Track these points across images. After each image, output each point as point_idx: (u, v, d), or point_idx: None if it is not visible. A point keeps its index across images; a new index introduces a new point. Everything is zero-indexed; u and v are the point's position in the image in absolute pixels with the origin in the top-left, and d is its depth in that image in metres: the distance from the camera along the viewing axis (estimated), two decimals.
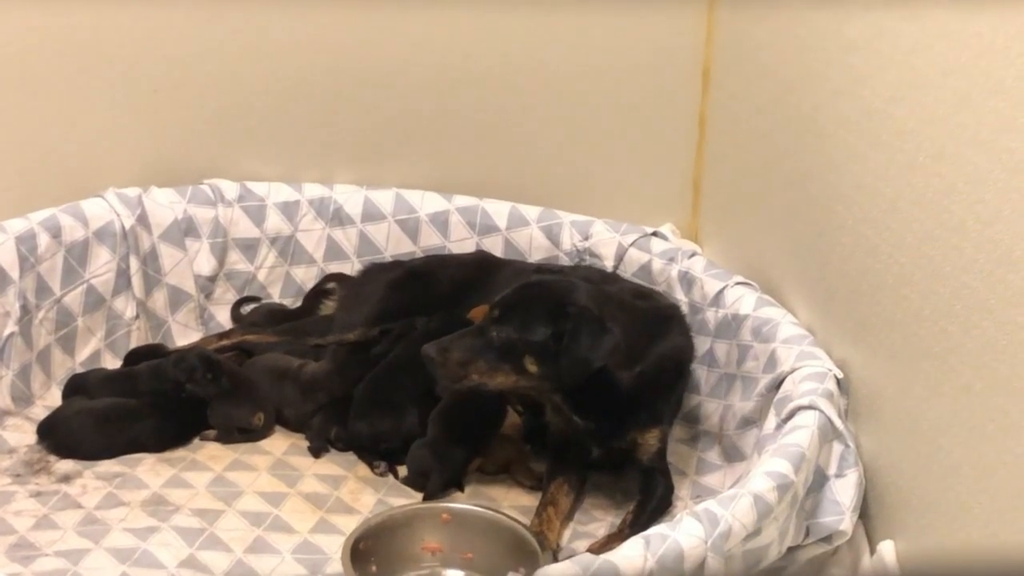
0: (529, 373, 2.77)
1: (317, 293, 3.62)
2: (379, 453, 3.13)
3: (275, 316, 3.59)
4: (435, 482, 2.98)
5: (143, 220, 3.52)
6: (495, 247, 3.64)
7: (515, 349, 2.76)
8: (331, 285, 3.61)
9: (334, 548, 2.78)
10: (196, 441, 3.21)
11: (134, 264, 3.48)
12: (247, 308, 3.66)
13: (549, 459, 3.05)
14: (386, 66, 3.67)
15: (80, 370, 3.38)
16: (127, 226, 3.46)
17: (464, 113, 3.74)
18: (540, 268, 3.34)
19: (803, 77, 3.06)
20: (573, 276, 3.13)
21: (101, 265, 3.43)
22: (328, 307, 3.56)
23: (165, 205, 3.57)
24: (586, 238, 3.59)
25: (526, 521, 2.87)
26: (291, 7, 3.59)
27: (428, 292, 3.39)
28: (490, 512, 2.85)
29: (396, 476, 3.10)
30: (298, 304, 3.66)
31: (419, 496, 3.01)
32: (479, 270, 3.45)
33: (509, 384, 2.82)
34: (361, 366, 3.26)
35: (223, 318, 3.65)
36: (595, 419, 2.90)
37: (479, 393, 2.85)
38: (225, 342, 3.49)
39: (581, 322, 2.72)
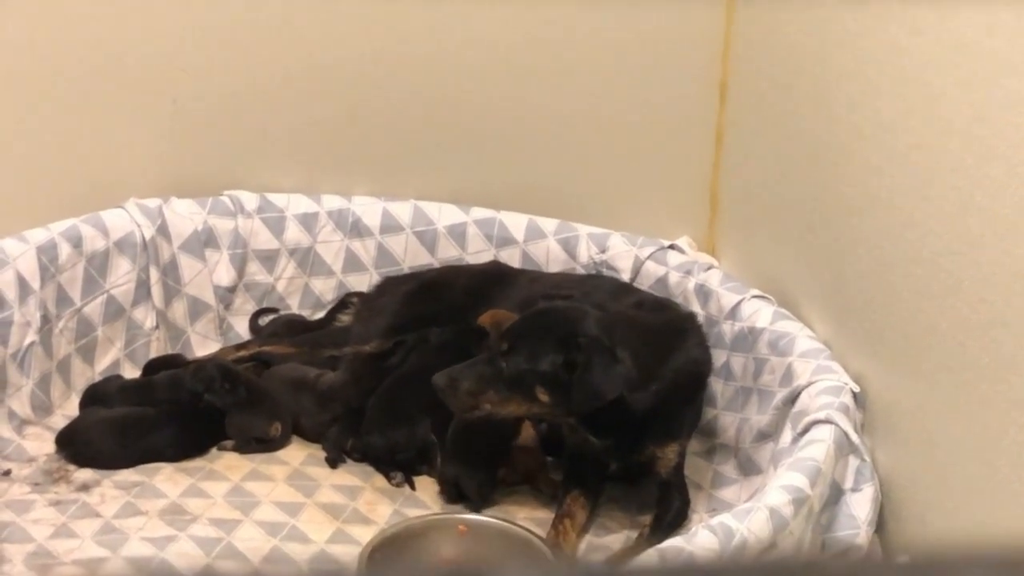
0: (541, 402, 2.78)
1: (337, 306, 3.62)
2: (395, 464, 3.13)
3: (294, 327, 3.58)
4: (470, 487, 2.98)
5: (163, 231, 3.52)
6: (512, 259, 3.63)
7: (526, 380, 2.76)
8: (353, 299, 3.61)
9: (351, 558, 2.77)
10: (214, 451, 3.21)
11: (154, 274, 3.48)
12: (265, 319, 3.65)
13: (565, 472, 3.04)
14: (404, 78, 3.67)
15: (100, 380, 3.37)
16: (147, 237, 3.47)
17: (482, 125, 3.73)
18: (553, 285, 3.31)
19: (820, 90, 3.05)
20: (590, 286, 3.14)
21: (121, 275, 3.44)
22: (345, 319, 3.56)
23: (185, 216, 3.58)
24: (603, 251, 3.58)
25: (542, 533, 2.86)
26: (310, 18, 3.60)
27: (442, 303, 3.39)
28: (506, 524, 2.85)
29: (412, 487, 3.09)
30: (317, 315, 3.66)
31: (435, 507, 3.01)
32: (492, 280, 3.45)
33: (521, 412, 2.83)
34: (377, 377, 3.25)
35: (242, 329, 3.65)
36: (612, 437, 2.89)
37: (490, 426, 2.85)
38: (243, 353, 3.48)
39: (592, 354, 2.71)
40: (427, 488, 3.11)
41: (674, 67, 3.68)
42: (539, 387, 2.76)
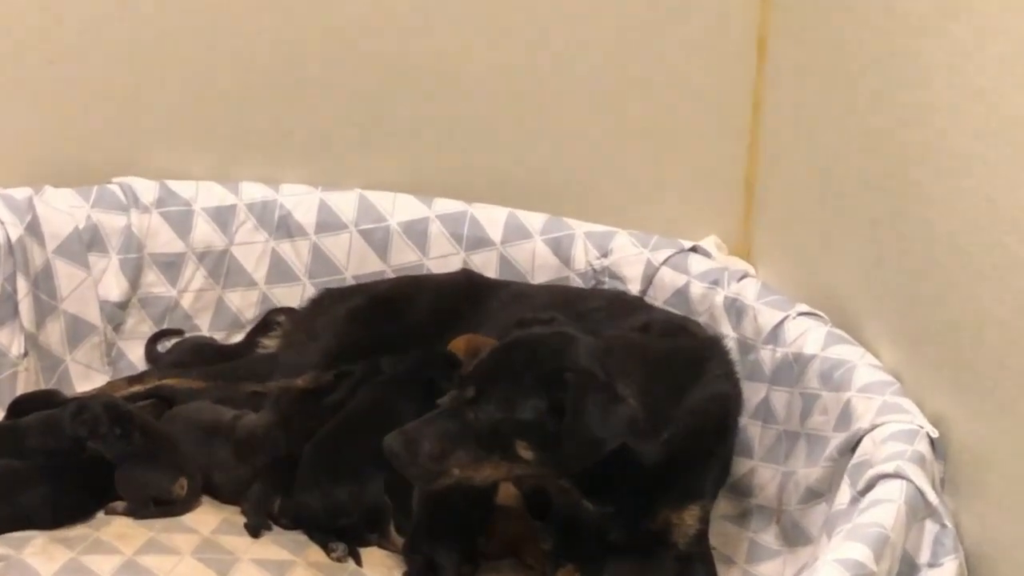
0: (524, 461, 2.76)
1: (259, 327, 3.62)
2: (336, 531, 3.10)
3: (203, 354, 3.57)
4: (449, 564, 2.97)
5: (34, 229, 3.50)
6: (488, 266, 3.63)
7: (502, 432, 2.74)
8: (280, 319, 3.61)
9: None
10: (100, 515, 3.18)
11: (22, 287, 3.45)
12: (166, 345, 3.64)
13: (554, 540, 3.02)
14: (348, 34, 3.66)
15: None
16: (13, 237, 3.44)
17: (449, 94, 3.73)
18: (541, 303, 3.30)
19: (888, 48, 3.04)
20: (586, 306, 3.12)
21: None
22: (270, 344, 3.55)
23: (63, 210, 3.55)
24: (605, 254, 3.58)
25: None
26: None
27: (398, 324, 3.38)
28: None
29: (358, 562, 3.08)
30: (234, 339, 3.66)
31: None
32: (464, 295, 3.44)
33: (500, 475, 2.82)
34: (312, 418, 3.24)
35: (136, 356, 3.64)
36: (615, 501, 2.87)
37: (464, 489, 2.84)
38: (138, 388, 3.46)
39: (584, 393, 2.70)
40: (378, 563, 3.08)
41: (699, 18, 3.69)
42: (519, 442, 2.74)
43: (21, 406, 3.37)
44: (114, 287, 3.59)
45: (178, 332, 3.66)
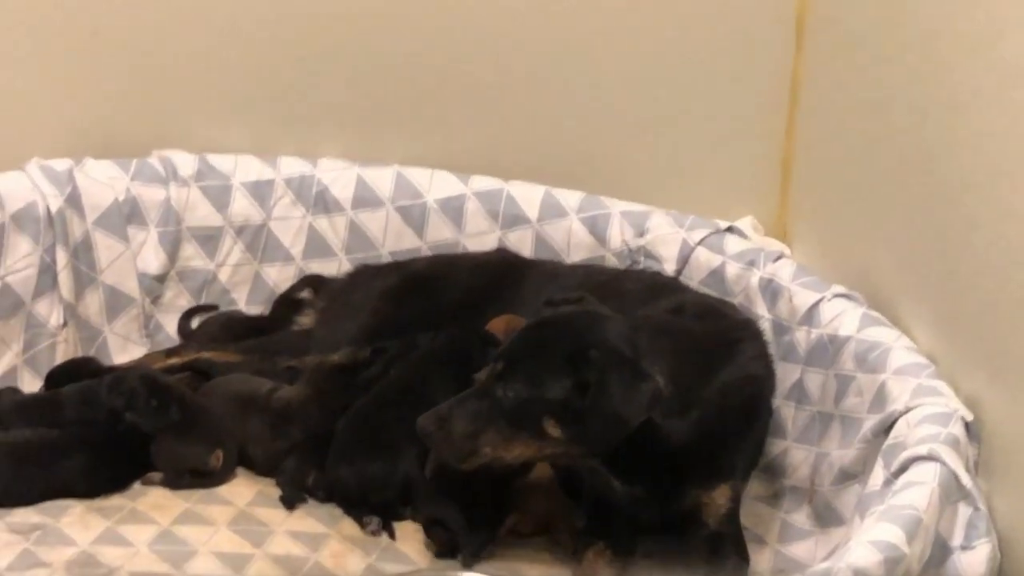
0: (552, 439, 2.77)
1: (289, 301, 3.62)
2: (369, 505, 3.11)
3: (236, 328, 3.59)
4: (460, 529, 2.98)
5: (74, 201, 3.52)
6: (523, 243, 3.63)
7: (530, 410, 2.76)
8: (304, 294, 3.62)
9: None
10: (137, 486, 3.20)
11: (62, 258, 3.47)
12: (200, 320, 3.65)
13: (585, 518, 3.03)
14: (389, 9, 3.66)
15: None
16: (54, 209, 3.46)
17: (486, 70, 3.73)
18: (576, 283, 3.30)
19: (929, 25, 3.03)
20: (618, 288, 3.12)
21: (20, 259, 3.44)
22: (306, 320, 3.56)
23: (103, 182, 3.57)
24: (641, 234, 3.58)
25: None
26: None
27: (434, 302, 3.39)
28: None
29: (392, 535, 3.08)
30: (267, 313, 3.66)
31: (421, 561, 3.00)
32: (500, 274, 3.45)
33: (531, 454, 2.83)
34: (347, 393, 3.25)
35: (174, 329, 3.65)
36: (644, 480, 2.88)
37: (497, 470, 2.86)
38: (175, 360, 3.48)
39: (608, 369, 2.71)
40: (410, 537, 3.09)
41: None
42: (547, 420, 2.75)
43: (59, 376, 3.39)
44: (152, 260, 3.61)
45: (212, 308, 3.68)
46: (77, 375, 3.35)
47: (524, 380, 2.76)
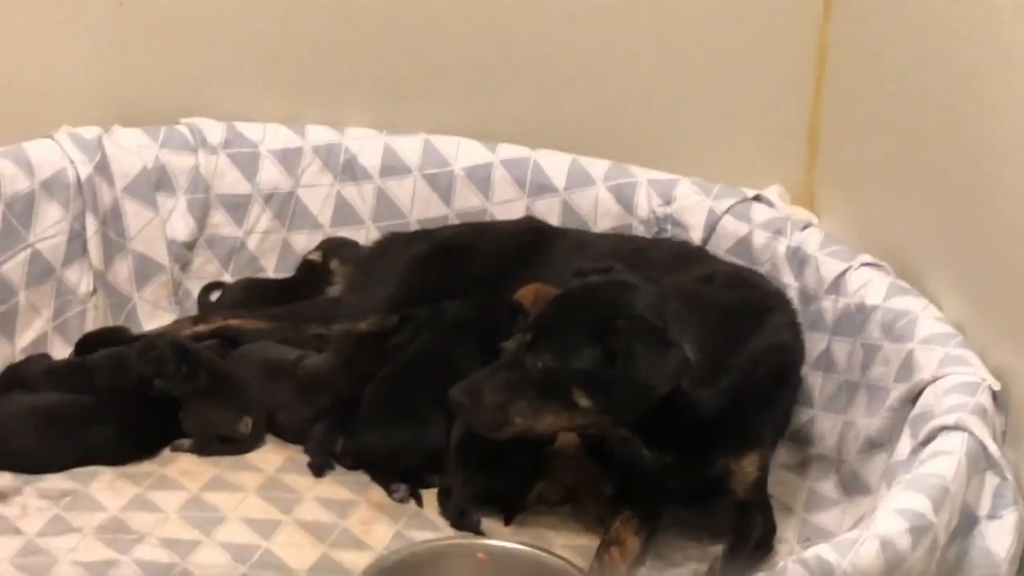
0: (582, 409, 2.78)
1: (314, 267, 3.63)
2: (397, 472, 3.13)
3: (260, 292, 3.60)
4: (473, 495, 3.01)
5: (103, 168, 3.52)
6: (551, 212, 3.63)
7: (559, 381, 2.77)
8: (315, 255, 3.63)
9: None
10: (166, 452, 3.22)
11: (91, 225, 3.49)
12: (218, 295, 3.67)
13: (614, 486, 3.04)
14: None
15: (21, 358, 3.38)
16: (83, 176, 3.47)
17: (511, 38, 3.72)
18: (605, 250, 3.31)
19: None
20: (646, 258, 3.13)
21: (50, 225, 3.44)
22: (333, 287, 3.57)
23: (132, 150, 3.58)
24: (668, 202, 3.57)
25: (585, 564, 2.87)
26: None
27: (462, 270, 3.40)
28: (538, 552, 2.83)
29: (419, 503, 3.10)
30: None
31: (448, 529, 3.02)
32: (528, 242, 3.45)
33: (561, 424, 2.85)
34: (375, 360, 3.26)
35: None
36: (673, 449, 2.89)
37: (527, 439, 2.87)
38: (203, 327, 3.50)
39: (634, 338, 2.71)
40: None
41: None
42: (576, 390, 2.76)
43: (89, 343, 3.41)
44: (181, 227, 3.62)
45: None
46: (108, 342, 3.37)
47: (553, 351, 2.77)
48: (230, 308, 3.58)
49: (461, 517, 3.01)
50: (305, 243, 3.71)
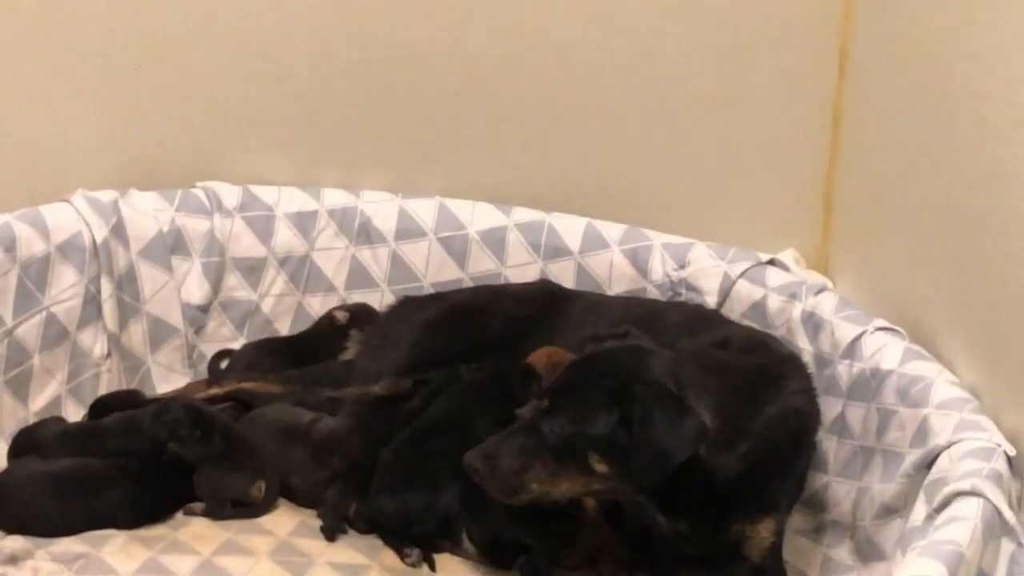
0: (599, 474, 2.78)
1: (333, 320, 3.63)
2: (410, 537, 3.12)
3: (274, 353, 3.60)
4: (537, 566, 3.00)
5: (119, 232, 3.54)
6: (565, 275, 3.64)
7: (576, 446, 2.77)
8: (340, 315, 3.62)
9: None
10: (179, 516, 3.22)
11: (106, 288, 3.50)
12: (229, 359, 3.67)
13: (629, 550, 3.03)
14: (428, 42, 3.68)
15: (35, 420, 3.39)
16: (99, 239, 3.49)
17: (526, 103, 3.74)
18: (618, 315, 3.31)
19: (971, 58, 3.02)
20: (662, 322, 3.12)
21: (65, 288, 3.46)
22: (348, 350, 3.57)
23: (148, 213, 3.60)
24: (682, 266, 3.58)
25: None
26: None
27: (477, 334, 3.40)
28: None
29: (432, 567, 3.09)
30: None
31: None
32: (543, 305, 3.46)
33: (578, 489, 2.84)
34: (389, 425, 3.26)
35: None
36: (689, 515, 2.88)
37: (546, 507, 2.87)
38: (217, 390, 3.50)
39: (652, 404, 2.71)
40: (450, 568, 3.10)
41: (778, 27, 3.67)
42: (593, 455, 2.76)
43: (103, 406, 3.42)
44: (196, 290, 3.63)
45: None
46: (121, 406, 3.37)
47: (569, 416, 2.77)
48: (243, 370, 3.58)
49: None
50: (319, 306, 3.72)
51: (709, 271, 3.54)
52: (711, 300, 3.51)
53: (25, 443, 3.30)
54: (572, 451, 2.77)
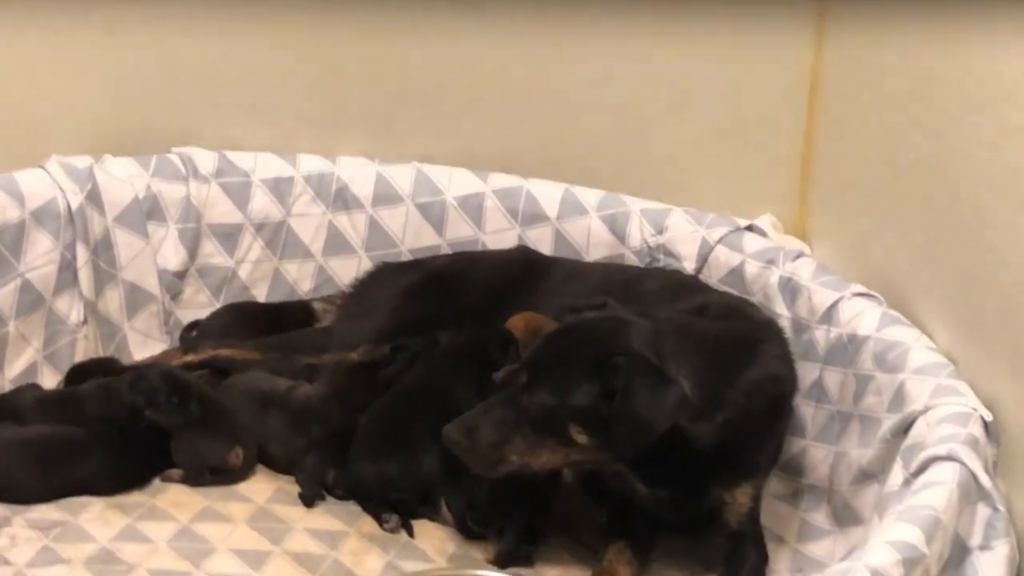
0: (579, 445, 2.79)
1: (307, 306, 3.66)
2: (389, 503, 3.13)
3: (249, 319, 3.60)
4: (509, 538, 3.00)
5: (94, 198, 3.53)
6: (543, 241, 3.64)
7: (557, 418, 2.77)
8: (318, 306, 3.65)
9: None
10: (156, 483, 3.22)
11: (82, 254, 3.49)
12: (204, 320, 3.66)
13: (607, 516, 3.05)
14: (406, 7, 3.66)
15: (10, 388, 3.39)
16: (74, 205, 3.48)
17: (503, 68, 3.73)
18: (597, 283, 3.31)
19: (952, 29, 3.02)
20: (640, 289, 3.12)
21: (40, 255, 3.45)
22: (325, 317, 3.58)
23: (123, 179, 3.58)
24: (660, 232, 3.59)
25: None
26: None
27: (455, 300, 3.41)
28: None
29: (410, 533, 3.10)
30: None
31: (439, 559, 3.02)
32: (521, 272, 3.46)
33: (558, 461, 2.84)
34: (368, 391, 3.26)
35: None
36: (668, 485, 2.90)
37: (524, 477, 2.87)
38: (193, 357, 3.49)
39: (634, 375, 2.71)
40: (429, 535, 3.11)
41: None
42: (574, 426, 2.76)
43: (79, 373, 3.41)
44: (172, 256, 3.63)
45: None
46: (98, 373, 3.37)
47: (550, 388, 2.77)
48: (218, 335, 3.57)
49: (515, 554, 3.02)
50: (296, 272, 3.72)
51: (687, 237, 3.55)
52: (689, 266, 3.52)
53: (1, 410, 3.29)
54: (552, 423, 2.77)
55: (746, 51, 3.71)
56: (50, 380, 3.45)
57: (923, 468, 2.71)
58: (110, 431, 3.20)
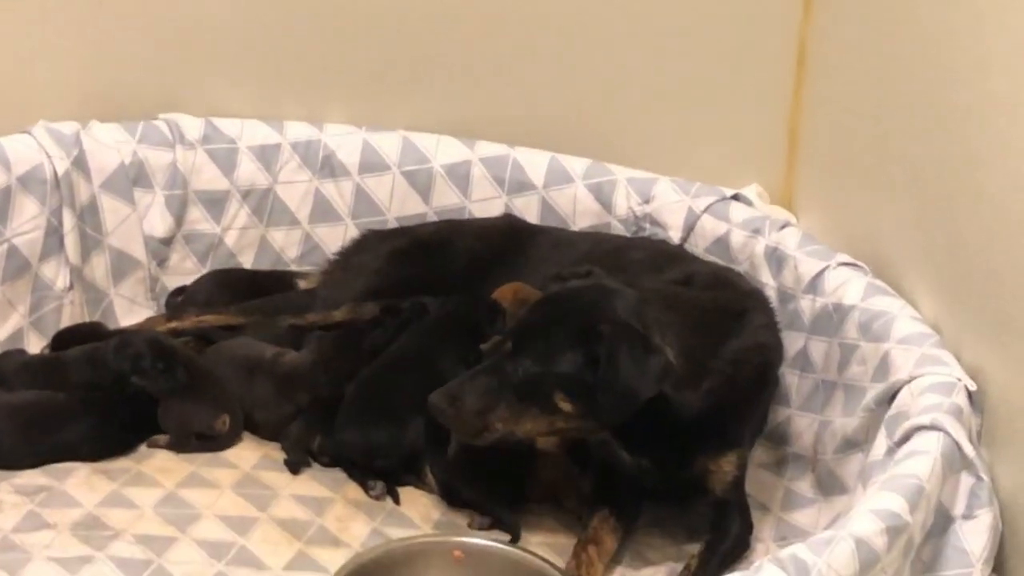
0: (564, 413, 2.79)
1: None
2: (374, 471, 3.14)
3: (233, 285, 3.59)
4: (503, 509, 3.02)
5: (81, 164, 3.52)
6: (529, 210, 3.64)
7: (541, 386, 2.77)
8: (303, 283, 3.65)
9: None
10: (142, 448, 3.22)
11: (68, 220, 3.48)
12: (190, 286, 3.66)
13: (592, 484, 3.05)
14: None
15: None
16: (60, 171, 3.47)
17: (491, 35, 3.73)
18: (584, 252, 3.32)
19: None
20: (626, 258, 3.13)
21: (26, 220, 3.44)
22: (310, 282, 3.59)
23: (109, 145, 3.57)
24: (646, 201, 3.59)
25: (562, 563, 2.87)
26: None
27: (440, 267, 3.41)
28: (514, 550, 2.85)
29: (396, 500, 3.11)
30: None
31: (425, 526, 3.03)
32: (507, 240, 3.47)
33: (542, 428, 2.85)
34: (353, 358, 3.26)
35: None
36: (653, 454, 2.91)
37: (508, 444, 2.87)
38: (178, 324, 3.49)
39: (618, 343, 2.72)
40: (415, 502, 3.12)
41: None
42: (558, 394, 2.77)
43: (65, 339, 3.41)
44: (159, 223, 3.62)
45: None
46: (83, 338, 3.36)
47: (535, 355, 2.77)
48: (204, 303, 3.57)
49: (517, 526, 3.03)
50: (283, 239, 3.71)
51: (673, 206, 3.55)
52: (675, 235, 3.53)
53: None
54: (537, 391, 2.78)
55: (734, 19, 3.72)
56: (36, 346, 3.44)
57: (907, 437, 2.72)
58: (96, 397, 3.19)
